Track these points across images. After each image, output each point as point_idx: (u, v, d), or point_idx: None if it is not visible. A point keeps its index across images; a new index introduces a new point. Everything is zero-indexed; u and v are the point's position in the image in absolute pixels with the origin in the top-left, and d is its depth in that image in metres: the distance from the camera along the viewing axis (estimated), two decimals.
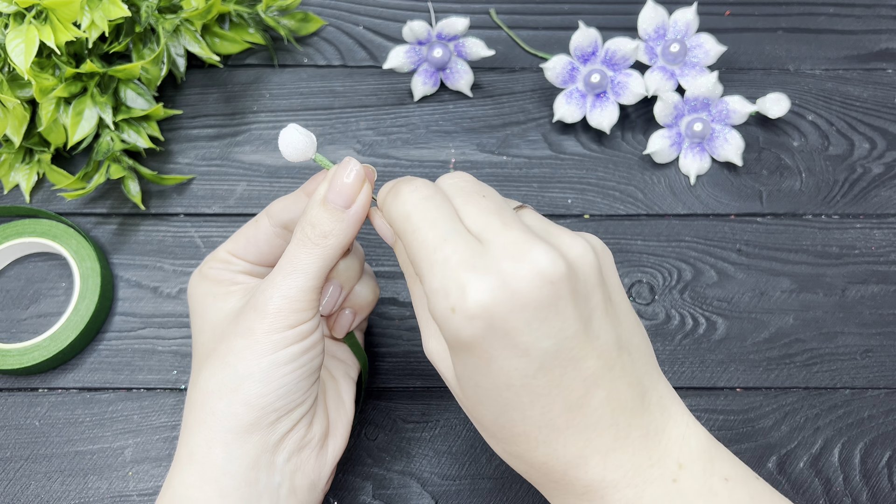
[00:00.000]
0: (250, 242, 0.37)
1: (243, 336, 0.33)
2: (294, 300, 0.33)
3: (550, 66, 0.49)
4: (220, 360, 0.33)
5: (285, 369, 0.33)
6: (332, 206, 0.33)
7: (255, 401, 0.32)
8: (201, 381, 0.34)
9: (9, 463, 0.43)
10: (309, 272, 0.33)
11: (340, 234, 0.33)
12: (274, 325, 0.33)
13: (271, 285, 0.33)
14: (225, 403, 0.33)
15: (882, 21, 0.54)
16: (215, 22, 0.50)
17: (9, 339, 0.45)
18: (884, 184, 0.49)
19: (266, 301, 0.33)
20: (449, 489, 0.42)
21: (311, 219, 0.33)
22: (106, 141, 0.46)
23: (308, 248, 0.33)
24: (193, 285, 0.37)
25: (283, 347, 0.33)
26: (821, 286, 0.47)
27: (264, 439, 0.33)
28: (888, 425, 0.44)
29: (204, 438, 0.33)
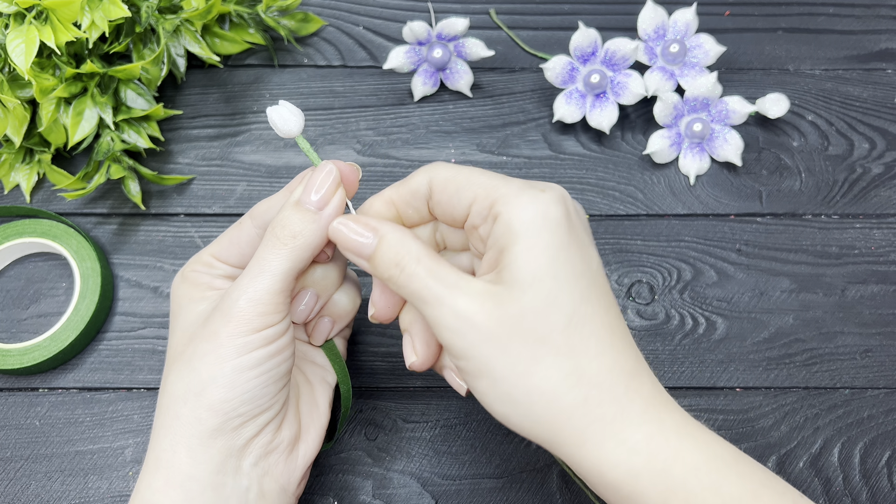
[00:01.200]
0: (233, 244, 0.36)
1: (208, 339, 0.32)
2: (259, 303, 0.32)
3: (550, 66, 0.49)
4: (186, 363, 0.33)
5: (249, 374, 0.32)
6: (304, 206, 0.33)
7: (218, 406, 0.32)
8: (168, 385, 0.33)
9: (9, 463, 0.43)
10: (276, 273, 0.32)
11: (310, 235, 0.33)
12: (238, 328, 0.32)
13: (237, 287, 0.33)
14: (189, 408, 0.32)
15: (882, 21, 0.54)
16: (215, 22, 0.50)
17: (9, 338, 0.45)
18: (883, 184, 0.49)
19: (231, 304, 0.32)
20: (449, 489, 0.42)
21: (281, 219, 0.33)
22: (106, 141, 0.46)
23: (276, 249, 0.33)
24: (174, 287, 0.37)
25: (247, 352, 0.32)
26: (820, 286, 0.47)
27: (229, 444, 0.32)
28: (888, 425, 0.44)
29: (169, 443, 0.32)
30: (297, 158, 0.50)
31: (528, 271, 0.29)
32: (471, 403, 0.44)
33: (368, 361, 0.45)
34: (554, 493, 0.42)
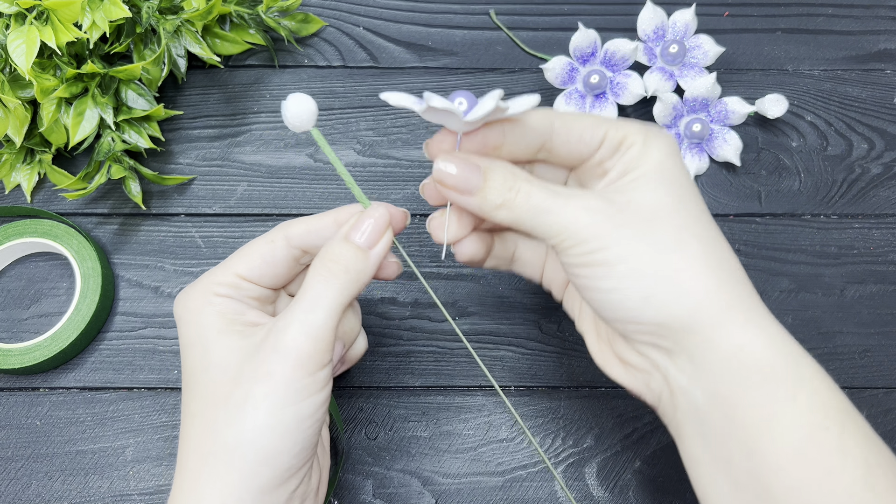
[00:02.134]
0: (267, 264, 0.35)
1: (262, 381, 0.31)
2: (317, 339, 0.31)
3: (550, 66, 0.49)
4: (238, 407, 0.31)
5: (306, 423, 0.31)
6: (357, 243, 0.33)
7: (273, 459, 0.30)
8: (217, 432, 0.31)
9: (10, 462, 0.43)
10: (330, 308, 0.32)
11: (362, 272, 0.33)
12: (296, 369, 0.31)
13: (291, 323, 0.31)
14: (242, 459, 0.30)
15: (880, 22, 0.54)
16: (216, 23, 0.50)
17: (10, 338, 0.45)
18: (882, 184, 0.49)
19: (288, 340, 0.31)
20: (449, 488, 0.42)
21: (332, 253, 0.33)
22: (107, 141, 0.46)
23: (329, 282, 0.32)
24: (191, 310, 0.34)
25: (305, 397, 0.31)
26: (819, 286, 0.47)
27: (279, 499, 0.31)
28: (887, 425, 0.44)
29: (218, 495, 0.30)
30: (297, 159, 0.50)
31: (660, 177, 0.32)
32: (471, 403, 0.44)
33: (369, 361, 0.45)
34: (555, 492, 0.42)
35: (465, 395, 0.44)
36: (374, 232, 0.34)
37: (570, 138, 0.33)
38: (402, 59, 0.53)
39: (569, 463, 0.43)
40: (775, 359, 0.30)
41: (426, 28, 0.54)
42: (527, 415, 0.44)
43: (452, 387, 0.44)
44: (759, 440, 0.29)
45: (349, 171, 0.50)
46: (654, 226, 0.31)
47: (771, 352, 0.30)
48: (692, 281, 0.30)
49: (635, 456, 0.43)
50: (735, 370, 0.30)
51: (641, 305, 0.31)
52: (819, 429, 0.29)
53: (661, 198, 0.31)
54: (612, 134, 0.33)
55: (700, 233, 0.31)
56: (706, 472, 0.31)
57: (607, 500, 0.42)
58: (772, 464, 0.29)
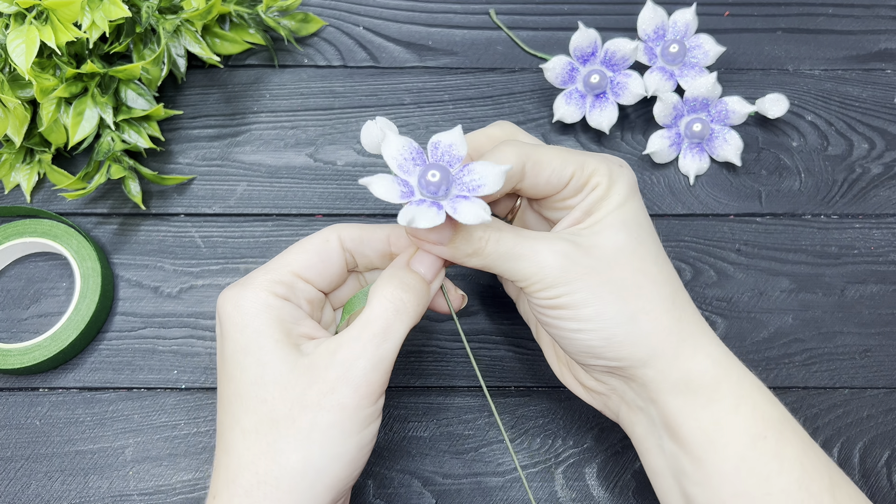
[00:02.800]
0: (323, 262, 0.34)
1: (331, 411, 0.30)
2: (382, 372, 0.31)
3: (550, 66, 0.49)
4: (304, 433, 0.30)
5: (364, 450, 0.31)
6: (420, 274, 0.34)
7: (334, 484, 0.31)
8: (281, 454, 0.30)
9: (9, 462, 0.43)
10: (400, 339, 0.32)
11: (424, 304, 0.33)
12: (364, 400, 0.31)
13: (362, 355, 0.31)
14: (307, 485, 0.30)
15: (881, 21, 0.54)
16: (216, 22, 0.50)
17: (10, 338, 0.45)
18: (883, 184, 0.49)
19: (360, 372, 0.31)
20: (450, 488, 0.42)
21: (406, 283, 0.33)
22: (107, 141, 0.46)
23: (401, 314, 0.32)
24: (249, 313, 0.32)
25: (366, 426, 0.31)
26: (820, 286, 0.47)
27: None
28: (887, 425, 0.44)
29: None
30: (297, 159, 0.50)
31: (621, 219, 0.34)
32: (471, 403, 0.44)
33: None
34: (555, 493, 0.42)
35: (466, 395, 0.44)
36: (435, 265, 0.34)
37: (538, 181, 0.34)
38: (402, 58, 0.53)
39: (569, 463, 0.43)
40: (719, 380, 0.33)
41: (426, 28, 0.54)
42: (527, 415, 0.44)
43: (453, 387, 0.44)
44: (707, 453, 0.32)
45: (349, 170, 0.50)
46: (615, 270, 0.33)
47: (716, 374, 0.33)
48: (650, 324, 0.33)
49: (635, 456, 0.43)
50: (685, 394, 0.33)
51: (603, 345, 0.33)
52: (759, 438, 0.32)
53: (622, 241, 0.33)
54: (579, 175, 0.34)
55: (657, 275, 0.34)
56: (665, 484, 0.34)
57: (607, 500, 0.42)
58: (719, 473, 0.32)
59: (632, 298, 0.33)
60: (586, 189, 0.34)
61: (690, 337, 0.34)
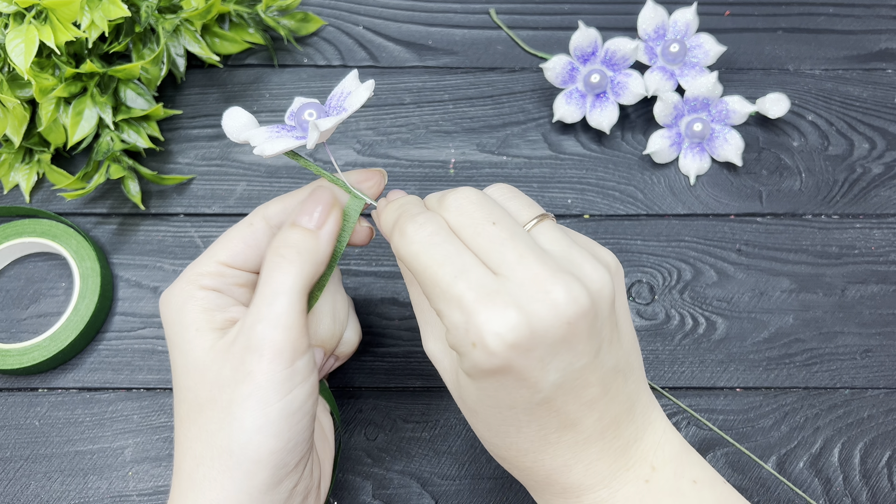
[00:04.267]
0: (249, 247, 0.34)
1: (244, 382, 0.30)
2: (287, 328, 0.30)
3: (550, 66, 0.49)
4: (224, 411, 0.30)
5: (294, 419, 0.30)
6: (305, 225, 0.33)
7: (267, 457, 0.30)
8: (209, 435, 0.31)
9: (9, 463, 0.43)
10: (292, 292, 0.31)
11: (314, 251, 0.32)
12: (273, 362, 0.30)
13: (258, 318, 0.30)
14: (236, 461, 0.30)
15: (882, 21, 0.54)
16: (215, 22, 0.50)
17: (9, 338, 0.45)
18: (883, 184, 0.49)
19: (258, 336, 0.30)
20: (449, 489, 0.42)
21: (283, 239, 0.32)
22: (106, 141, 0.46)
23: (284, 267, 0.31)
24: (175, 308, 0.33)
25: (288, 392, 0.30)
26: (820, 286, 0.47)
27: (278, 497, 0.31)
28: (888, 425, 0.44)
29: (216, 497, 0.30)
30: None
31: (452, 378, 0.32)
32: None
33: (368, 361, 0.45)
34: None
35: None
36: (322, 213, 0.33)
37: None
38: (401, 58, 0.52)
39: None
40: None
41: (426, 27, 0.54)
42: None
43: None
44: None
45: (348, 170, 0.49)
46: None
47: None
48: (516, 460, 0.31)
49: None
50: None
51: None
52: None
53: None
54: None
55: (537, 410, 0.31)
56: None
57: None
58: None
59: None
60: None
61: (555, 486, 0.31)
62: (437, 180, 0.49)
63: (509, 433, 0.30)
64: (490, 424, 0.30)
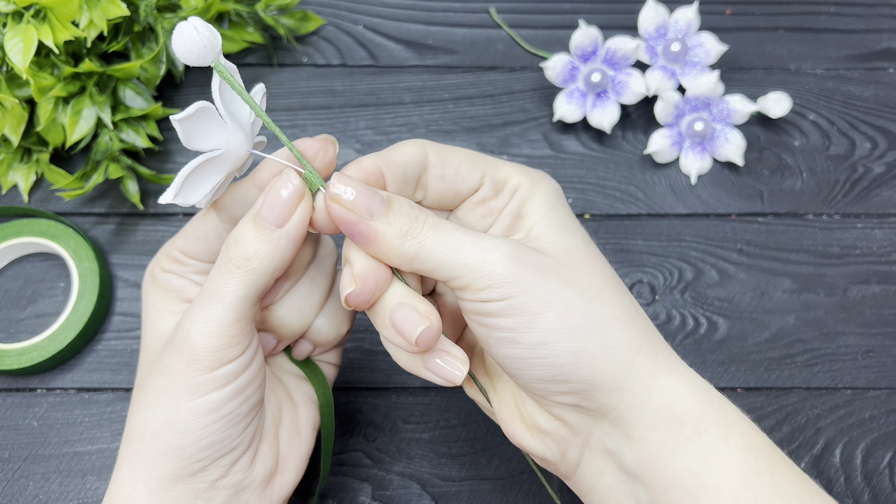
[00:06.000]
0: (200, 239, 0.32)
1: (163, 374, 0.29)
2: (212, 336, 0.28)
3: (551, 65, 0.49)
4: (145, 397, 0.30)
5: (206, 419, 0.29)
6: (262, 222, 0.28)
7: (174, 451, 0.29)
8: (131, 415, 0.30)
9: (7, 463, 0.42)
10: (229, 302, 0.28)
11: (266, 258, 0.28)
12: (190, 367, 0.28)
13: (189, 317, 0.29)
14: (146, 447, 0.29)
15: (883, 20, 0.54)
16: (214, 21, 0.50)
17: (7, 339, 0.45)
18: (885, 183, 0.49)
19: (184, 336, 0.29)
20: (449, 490, 0.42)
21: (235, 236, 0.29)
22: (104, 140, 0.46)
23: (229, 273, 0.28)
24: (144, 288, 0.33)
25: (201, 395, 0.28)
26: (822, 286, 0.47)
27: (192, 487, 0.30)
28: (889, 425, 0.44)
29: (130, 478, 0.30)
30: None
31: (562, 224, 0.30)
32: (471, 404, 0.44)
33: (368, 361, 0.45)
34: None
35: (466, 396, 0.44)
36: (283, 207, 0.28)
37: (445, 172, 0.30)
38: (401, 57, 0.52)
39: None
40: (704, 408, 0.28)
41: (426, 26, 0.53)
42: None
43: (453, 389, 0.44)
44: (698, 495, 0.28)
45: None
46: (572, 272, 0.28)
47: (698, 399, 0.28)
48: (621, 332, 0.28)
49: None
50: (667, 425, 0.28)
51: (572, 361, 0.28)
52: (753, 473, 0.28)
53: (571, 241, 0.30)
54: (493, 171, 0.31)
55: (612, 278, 0.30)
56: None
57: None
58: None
59: (598, 303, 0.28)
60: (507, 190, 0.31)
61: (662, 352, 0.29)
62: None
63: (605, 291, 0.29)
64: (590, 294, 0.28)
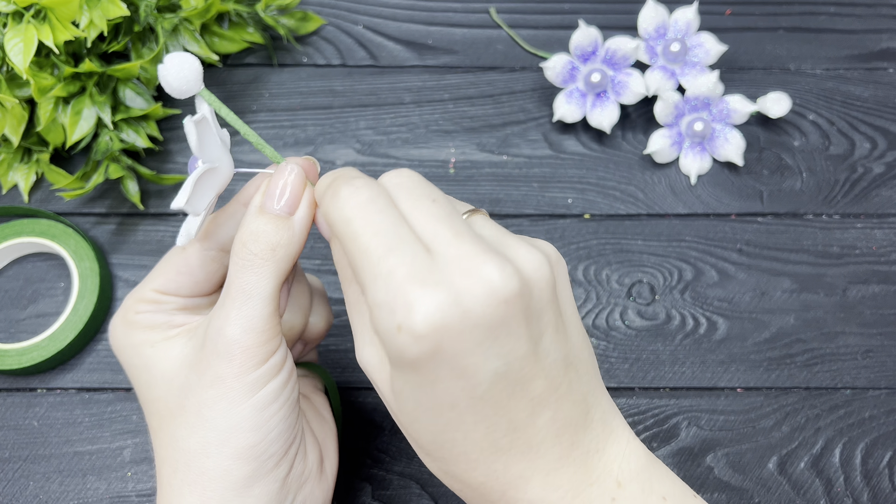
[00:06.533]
0: (182, 274, 0.32)
1: (213, 386, 0.29)
2: (258, 332, 0.29)
3: (551, 65, 0.49)
4: (195, 415, 0.30)
5: (271, 410, 0.29)
6: (276, 212, 0.29)
7: (247, 452, 0.29)
8: (179, 441, 0.30)
9: (7, 463, 0.42)
10: (264, 294, 0.29)
11: (288, 244, 0.29)
12: (244, 365, 0.29)
13: (227, 321, 0.29)
14: (214, 461, 0.29)
15: (883, 20, 0.54)
16: (214, 21, 0.50)
17: (7, 339, 0.45)
18: (885, 183, 0.49)
19: (228, 340, 0.29)
20: (449, 490, 0.42)
21: (252, 232, 0.29)
22: (105, 140, 0.46)
23: (257, 268, 0.29)
24: (120, 337, 0.32)
25: (260, 388, 0.29)
26: (822, 286, 0.47)
27: (268, 488, 0.30)
28: (889, 425, 0.44)
29: (198, 499, 0.29)
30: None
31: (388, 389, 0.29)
32: None
33: None
34: None
35: None
36: (292, 194, 0.30)
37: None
38: (401, 57, 0.52)
39: None
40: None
41: (426, 26, 0.53)
42: None
43: None
44: None
45: None
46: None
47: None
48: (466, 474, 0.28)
49: None
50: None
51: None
52: None
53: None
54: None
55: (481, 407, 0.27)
56: None
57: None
58: None
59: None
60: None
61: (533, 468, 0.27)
62: (437, 180, 0.49)
63: (456, 441, 0.27)
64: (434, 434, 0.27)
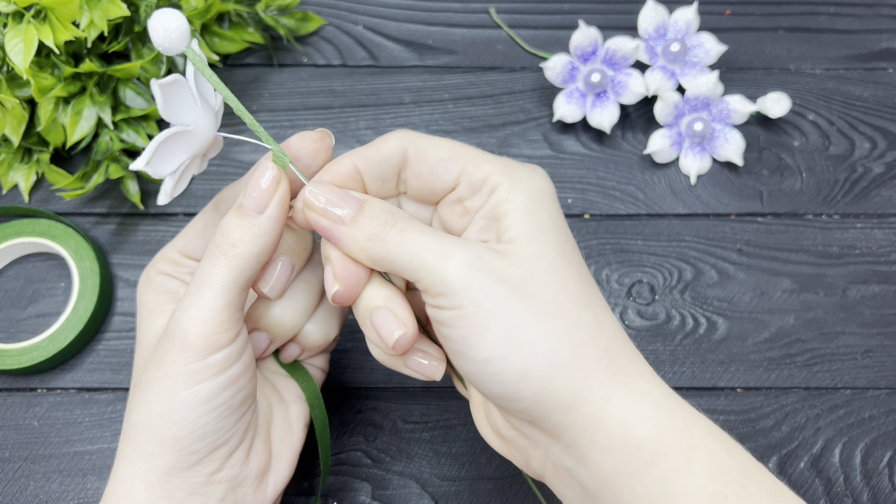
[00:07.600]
0: (199, 237, 0.34)
1: (157, 366, 0.30)
2: (203, 321, 0.29)
3: (550, 65, 0.49)
4: (141, 391, 0.30)
5: (200, 409, 0.29)
6: (244, 211, 0.30)
7: (169, 443, 0.29)
8: (128, 411, 0.31)
9: (7, 463, 0.43)
10: (218, 286, 0.29)
11: (249, 243, 0.30)
12: (184, 353, 0.29)
13: (181, 306, 0.30)
14: (143, 440, 0.30)
15: (883, 20, 0.54)
16: (214, 21, 0.50)
17: (7, 339, 0.45)
18: (884, 183, 0.49)
19: (175, 325, 0.29)
20: (448, 490, 0.42)
21: (220, 227, 0.30)
22: (105, 140, 0.46)
23: (216, 259, 0.30)
24: (139, 290, 0.34)
25: (196, 384, 0.29)
26: (821, 286, 0.47)
27: (189, 480, 0.30)
28: (889, 425, 0.44)
29: (128, 473, 0.30)
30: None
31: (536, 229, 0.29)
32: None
33: (368, 361, 0.45)
34: (553, 494, 0.42)
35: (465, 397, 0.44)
36: (261, 194, 0.30)
37: (422, 170, 0.30)
38: (401, 57, 0.52)
39: None
40: (664, 430, 0.27)
41: (426, 26, 0.53)
42: None
43: (452, 388, 0.44)
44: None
45: None
46: (531, 285, 0.28)
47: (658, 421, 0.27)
48: (574, 351, 0.27)
49: None
50: (622, 450, 0.27)
51: (518, 380, 0.27)
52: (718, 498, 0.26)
53: (538, 249, 0.28)
54: (472, 170, 0.30)
55: (579, 292, 0.28)
56: None
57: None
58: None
59: (550, 321, 0.27)
60: (484, 190, 0.30)
61: (622, 372, 0.28)
62: None
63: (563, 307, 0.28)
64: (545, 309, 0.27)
